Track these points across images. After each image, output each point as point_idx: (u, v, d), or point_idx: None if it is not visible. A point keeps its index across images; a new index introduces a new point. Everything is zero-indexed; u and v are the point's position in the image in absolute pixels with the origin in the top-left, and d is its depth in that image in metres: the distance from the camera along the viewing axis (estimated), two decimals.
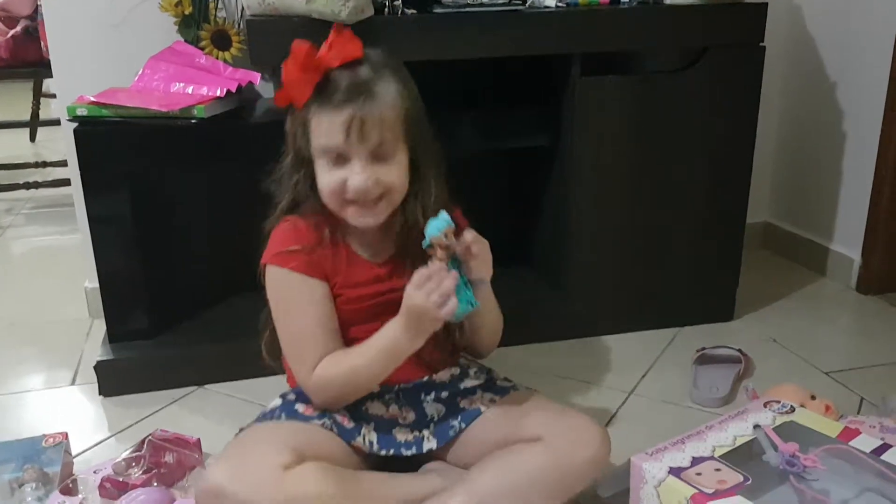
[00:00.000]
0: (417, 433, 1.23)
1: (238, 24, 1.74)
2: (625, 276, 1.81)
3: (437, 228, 1.09)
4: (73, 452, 1.40)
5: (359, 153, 1.13)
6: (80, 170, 1.56)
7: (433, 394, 1.26)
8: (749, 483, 1.07)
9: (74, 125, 1.55)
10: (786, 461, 1.11)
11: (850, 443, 1.16)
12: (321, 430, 1.17)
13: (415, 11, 1.54)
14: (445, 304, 1.08)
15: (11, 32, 2.72)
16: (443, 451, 1.23)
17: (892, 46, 1.91)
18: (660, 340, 1.81)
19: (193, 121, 1.53)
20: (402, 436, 1.22)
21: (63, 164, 2.44)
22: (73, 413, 1.57)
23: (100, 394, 1.61)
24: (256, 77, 1.71)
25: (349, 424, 1.20)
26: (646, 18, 1.64)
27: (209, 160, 1.65)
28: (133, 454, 1.31)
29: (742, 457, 1.14)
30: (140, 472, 1.28)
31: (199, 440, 1.36)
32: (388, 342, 1.15)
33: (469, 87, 1.85)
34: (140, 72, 1.68)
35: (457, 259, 1.12)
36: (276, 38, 1.48)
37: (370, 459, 1.21)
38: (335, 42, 1.14)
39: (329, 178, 1.16)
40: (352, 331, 1.22)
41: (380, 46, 1.19)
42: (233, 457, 1.11)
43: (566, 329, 1.81)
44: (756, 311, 1.94)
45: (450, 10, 1.55)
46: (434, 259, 1.10)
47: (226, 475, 1.05)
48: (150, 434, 1.35)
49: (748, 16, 1.69)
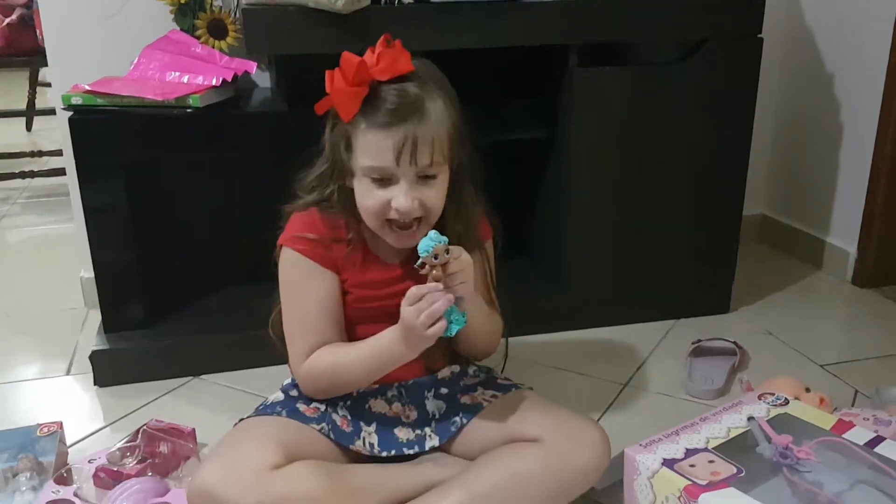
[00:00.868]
0: (419, 431, 1.22)
1: (234, 13, 1.73)
2: (621, 268, 1.81)
3: (428, 247, 1.07)
4: (68, 442, 1.40)
5: (406, 175, 1.11)
6: (75, 159, 1.55)
7: (434, 391, 1.26)
8: (742, 475, 1.07)
9: (69, 114, 1.54)
10: (779, 453, 1.11)
11: (844, 435, 1.16)
12: (317, 434, 1.17)
13: (412, 1, 1.53)
14: (434, 325, 1.07)
15: (7, 20, 2.71)
16: (445, 447, 1.22)
17: (890, 39, 1.90)
18: (655, 332, 1.81)
19: (189, 110, 1.52)
20: (404, 434, 1.22)
21: (59, 154, 2.44)
22: (68, 403, 1.57)
23: (95, 384, 1.60)
24: (252, 66, 1.71)
25: (348, 428, 1.20)
26: (643, 9, 1.63)
27: (205, 149, 1.65)
28: (128, 444, 1.31)
29: (736, 449, 1.14)
30: (135, 462, 1.27)
31: (194, 430, 1.36)
32: (383, 348, 1.15)
33: (465, 78, 1.84)
34: (135, 60, 1.67)
35: None
36: (273, 28, 1.47)
37: (370, 461, 1.20)
38: (384, 55, 1.09)
39: (372, 199, 1.13)
40: (359, 329, 1.22)
41: (418, 56, 1.15)
42: (222, 456, 1.10)
43: (562, 321, 1.81)
44: (751, 304, 1.94)
45: (447, 0, 1.54)
46: (429, 277, 1.08)
47: (215, 477, 1.05)
48: (145, 424, 1.35)
49: (746, 7, 1.68)
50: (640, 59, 1.80)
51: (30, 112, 3.75)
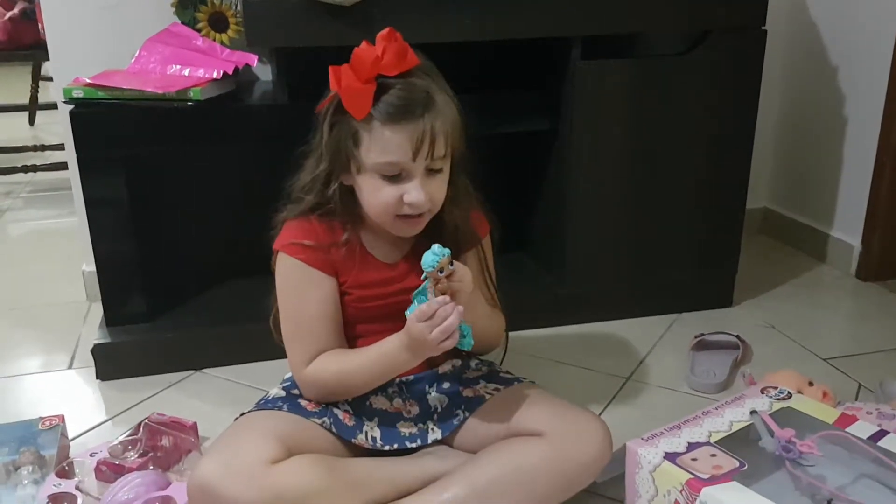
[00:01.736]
0: (422, 425, 1.22)
1: (235, 6, 1.73)
2: (623, 262, 1.81)
3: (433, 262, 1.06)
4: (70, 435, 1.40)
5: (419, 169, 1.10)
6: (77, 152, 1.55)
7: (436, 385, 1.25)
8: (745, 469, 1.07)
9: (71, 107, 1.54)
10: (782, 447, 1.11)
11: (847, 429, 1.16)
12: (318, 428, 1.17)
13: None
14: (447, 339, 1.07)
15: (9, 14, 2.70)
16: (447, 441, 1.22)
17: (895, 31, 1.89)
18: (658, 326, 1.80)
19: (190, 103, 1.52)
20: (406, 429, 1.22)
21: (61, 148, 2.43)
22: (70, 396, 1.57)
23: (97, 377, 1.60)
24: (253, 59, 1.70)
25: (350, 422, 1.20)
26: (647, 1, 1.62)
27: (206, 143, 1.64)
28: (129, 437, 1.31)
29: (738, 442, 1.13)
30: (136, 456, 1.28)
31: (196, 424, 1.37)
32: (387, 355, 1.14)
33: (468, 70, 1.84)
34: (137, 54, 1.67)
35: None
36: (274, 20, 1.47)
37: (372, 454, 1.20)
38: (391, 49, 1.08)
39: (383, 195, 1.12)
40: (358, 328, 1.22)
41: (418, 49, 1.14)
42: (221, 452, 1.10)
43: (564, 314, 1.80)
44: (755, 298, 1.94)
45: None
46: (433, 291, 1.08)
47: (214, 472, 1.05)
48: (147, 417, 1.35)
49: None
50: (644, 52, 1.79)
51: (32, 106, 3.75)
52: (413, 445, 1.20)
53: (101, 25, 1.73)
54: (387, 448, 1.19)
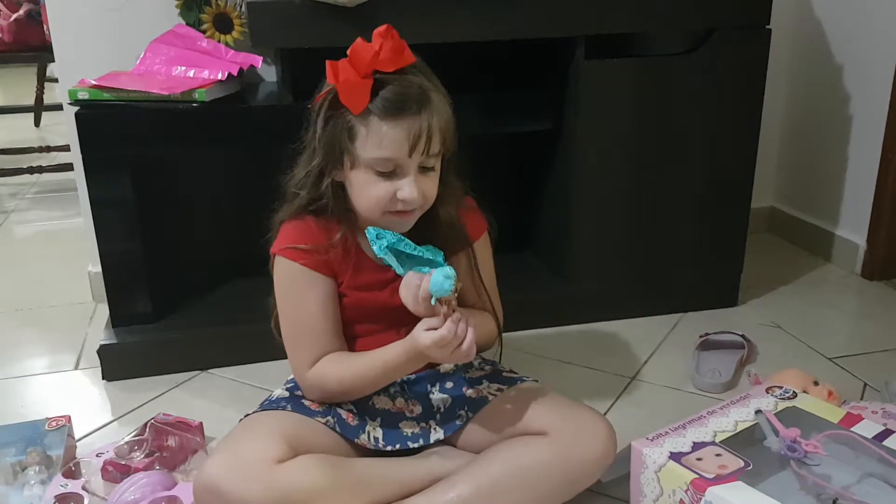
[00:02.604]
0: (424, 425, 1.22)
1: (240, 7, 1.73)
2: (628, 261, 1.80)
3: (450, 287, 1.05)
4: (76, 436, 1.40)
5: (413, 165, 1.11)
6: (82, 153, 1.55)
7: (438, 385, 1.25)
8: (750, 468, 1.07)
9: (76, 109, 1.54)
10: (787, 446, 1.11)
11: (853, 428, 1.15)
12: (322, 427, 1.17)
13: None
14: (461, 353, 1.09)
15: (14, 16, 2.71)
16: (450, 441, 1.22)
17: None
18: (663, 325, 1.80)
19: (195, 104, 1.52)
20: (409, 428, 1.22)
21: (67, 149, 2.44)
22: (77, 396, 1.58)
23: (103, 378, 1.61)
24: (258, 60, 1.71)
25: (354, 421, 1.20)
26: (651, 0, 1.62)
27: (211, 144, 1.64)
28: (135, 438, 1.32)
29: (743, 442, 1.14)
30: (142, 456, 1.28)
31: (202, 424, 1.37)
32: (389, 363, 1.15)
33: (471, 70, 1.84)
34: (142, 55, 1.67)
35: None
36: (278, 21, 1.47)
37: (375, 454, 1.20)
38: (388, 45, 1.08)
39: (376, 191, 1.12)
40: (356, 328, 1.23)
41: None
42: (227, 451, 1.10)
43: (569, 313, 1.80)
44: (760, 297, 1.94)
45: None
46: (441, 313, 1.07)
47: (220, 471, 1.05)
48: (153, 418, 1.36)
49: None
50: (648, 51, 1.79)
51: (38, 107, 3.76)
52: (415, 446, 1.20)
53: (107, 27, 1.74)
54: (389, 448, 1.19)
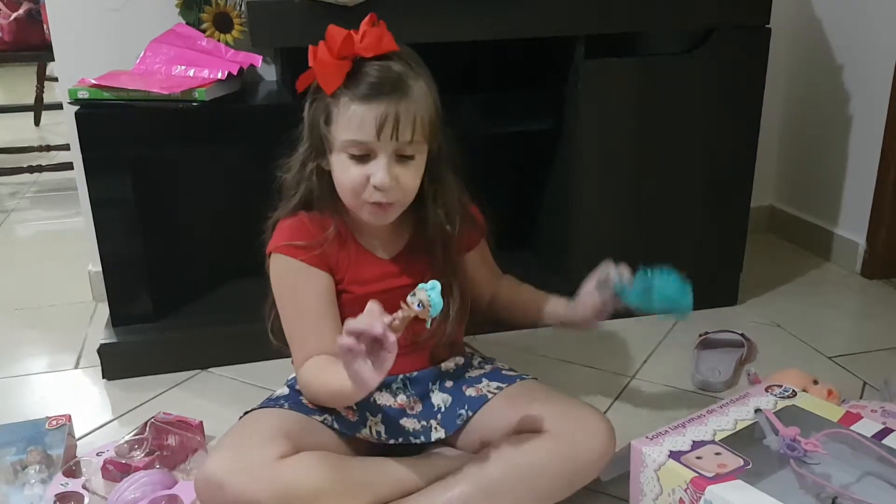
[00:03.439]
0: (425, 423, 1.22)
1: (239, 7, 1.73)
2: (628, 260, 1.79)
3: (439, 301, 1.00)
4: (77, 435, 1.40)
5: (385, 150, 1.11)
6: (82, 153, 1.55)
7: (439, 383, 1.26)
8: (749, 467, 1.07)
9: (76, 108, 1.54)
10: (786, 445, 1.11)
11: (852, 427, 1.16)
12: (320, 425, 1.17)
13: None
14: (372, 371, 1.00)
15: (14, 15, 2.71)
16: (450, 441, 1.23)
17: None
18: (662, 324, 1.80)
19: (195, 104, 1.52)
20: (410, 425, 1.22)
21: (67, 148, 2.44)
22: (77, 396, 1.58)
23: (103, 377, 1.61)
24: (258, 59, 1.71)
25: (354, 417, 1.20)
26: (651, 0, 1.62)
27: (211, 143, 1.65)
28: (136, 437, 1.32)
29: (743, 441, 1.14)
30: (142, 455, 1.28)
31: (202, 423, 1.37)
32: (343, 389, 1.06)
33: (471, 69, 1.84)
34: (141, 54, 1.67)
35: None
36: (278, 21, 1.47)
37: (377, 449, 1.20)
38: (369, 32, 1.10)
39: (349, 175, 1.13)
40: None
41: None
42: (229, 448, 1.11)
43: None
44: (759, 296, 1.94)
45: None
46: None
47: (222, 467, 1.05)
48: (153, 417, 1.36)
49: None
50: (648, 50, 1.79)
51: (38, 107, 3.75)
52: (417, 441, 1.21)
53: (107, 26, 1.74)
54: (391, 442, 1.20)
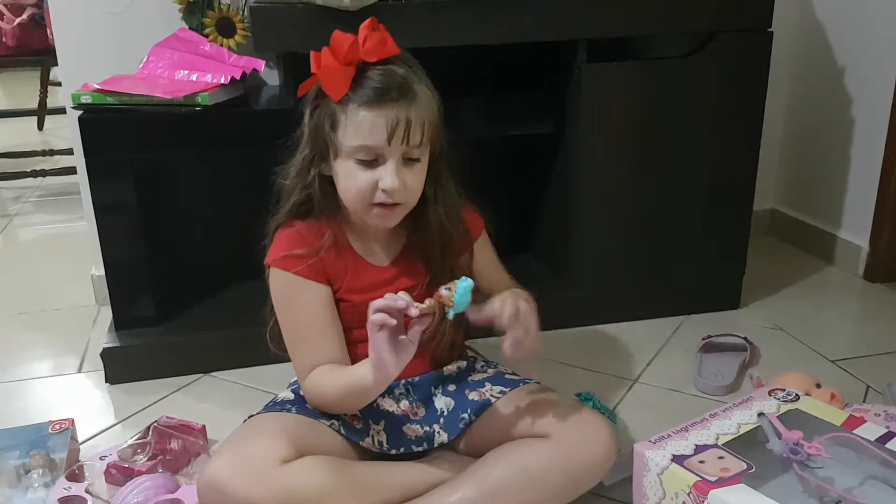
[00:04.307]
0: (428, 428, 1.22)
1: (242, 11, 1.73)
2: (630, 264, 1.80)
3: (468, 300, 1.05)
4: (80, 439, 1.41)
5: (394, 155, 1.11)
6: (85, 157, 1.56)
7: (441, 387, 1.26)
8: (752, 471, 1.07)
9: (79, 113, 1.55)
10: (789, 449, 1.11)
11: (855, 431, 1.15)
12: (327, 429, 1.17)
13: None
14: (402, 355, 1.06)
15: (18, 20, 2.71)
16: (453, 445, 1.23)
17: None
18: (665, 328, 1.80)
19: (198, 108, 1.52)
20: (413, 431, 1.22)
21: (70, 153, 2.44)
22: (80, 400, 1.58)
23: (106, 381, 1.61)
24: (261, 64, 1.71)
25: (359, 425, 1.20)
26: (652, 3, 1.62)
27: (214, 147, 1.65)
28: (139, 441, 1.32)
29: (746, 445, 1.13)
30: (145, 459, 1.28)
31: (205, 427, 1.37)
32: (358, 376, 1.12)
33: (473, 74, 1.84)
34: (145, 59, 1.68)
35: None
36: (281, 26, 1.48)
37: (381, 458, 1.20)
38: (371, 37, 1.10)
39: (357, 181, 1.13)
40: (356, 334, 1.22)
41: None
42: (232, 450, 1.11)
43: (570, 317, 1.80)
44: (762, 299, 1.93)
45: None
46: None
47: (225, 470, 1.06)
48: (156, 421, 1.36)
49: (756, 0, 1.67)
50: (650, 54, 1.79)
51: (41, 111, 3.76)
52: (419, 449, 1.21)
53: (110, 31, 1.74)
54: (393, 452, 1.20)
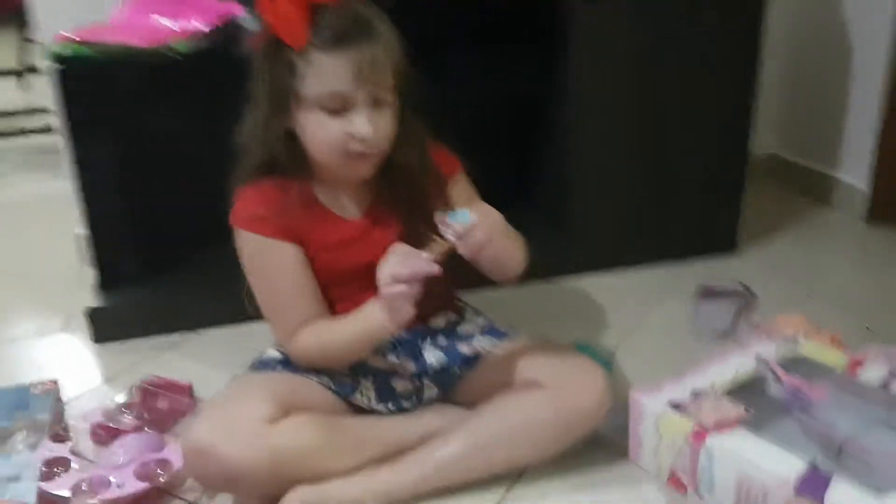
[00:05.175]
0: (418, 382, 1.20)
1: None
2: (626, 211, 1.78)
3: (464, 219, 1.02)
4: (65, 399, 1.38)
5: (363, 99, 1.07)
6: (63, 113, 1.52)
7: (430, 340, 1.23)
8: (751, 416, 1.05)
9: (56, 66, 1.50)
10: (790, 394, 1.09)
11: (856, 374, 1.14)
12: (316, 385, 1.15)
13: None
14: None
15: None
16: (445, 397, 1.21)
17: None
18: (662, 275, 1.78)
19: (179, 56, 1.48)
20: (402, 386, 1.20)
21: (51, 111, 2.41)
22: (65, 360, 1.56)
23: (91, 340, 1.59)
24: (241, 10, 1.65)
25: (347, 380, 1.18)
26: None
27: (196, 99, 1.60)
28: (125, 400, 1.30)
29: (744, 390, 1.12)
30: (132, 418, 1.26)
31: (192, 385, 1.35)
32: (366, 324, 1.09)
33: (467, 22, 1.80)
34: (120, 5, 1.62)
35: None
36: None
37: (370, 414, 1.18)
38: None
39: (328, 131, 1.08)
40: (333, 292, 1.19)
41: None
42: (217, 411, 1.09)
43: (567, 266, 1.78)
44: (760, 244, 1.91)
45: None
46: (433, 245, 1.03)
47: (210, 433, 1.03)
48: (142, 380, 1.33)
49: None
50: None
51: (22, 70, 3.69)
52: (409, 405, 1.19)
53: None
54: (382, 408, 1.18)
